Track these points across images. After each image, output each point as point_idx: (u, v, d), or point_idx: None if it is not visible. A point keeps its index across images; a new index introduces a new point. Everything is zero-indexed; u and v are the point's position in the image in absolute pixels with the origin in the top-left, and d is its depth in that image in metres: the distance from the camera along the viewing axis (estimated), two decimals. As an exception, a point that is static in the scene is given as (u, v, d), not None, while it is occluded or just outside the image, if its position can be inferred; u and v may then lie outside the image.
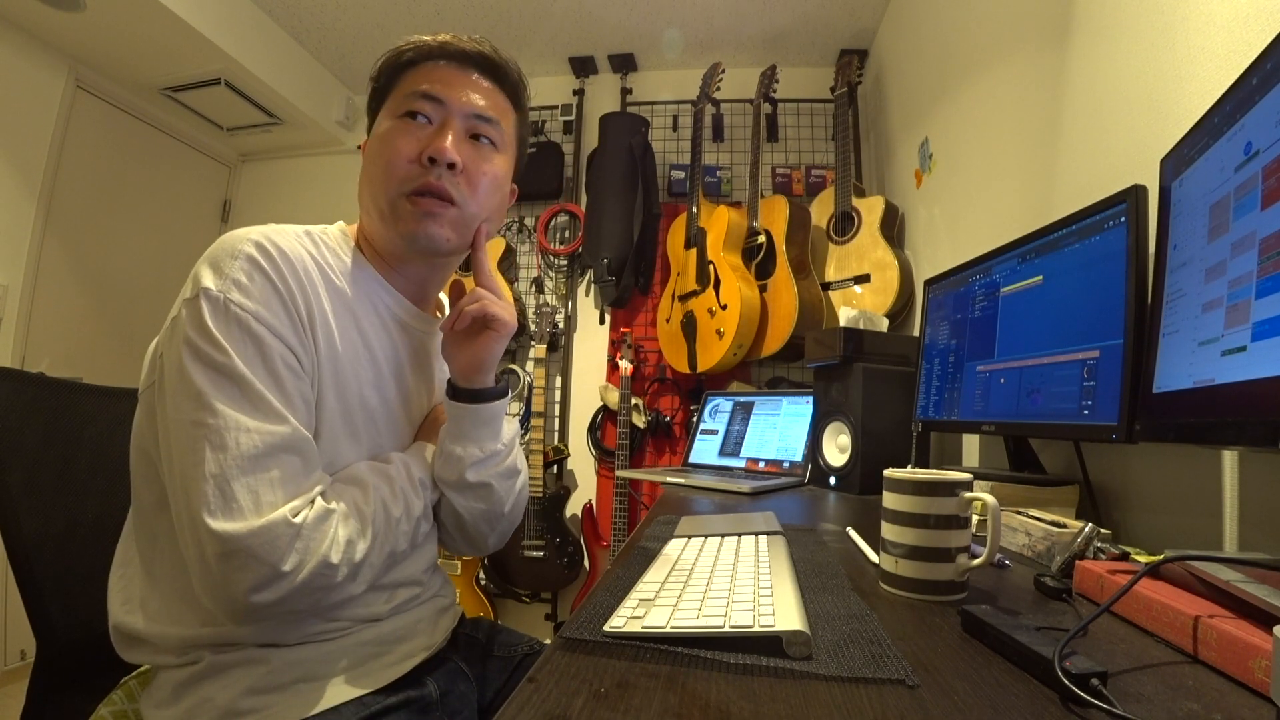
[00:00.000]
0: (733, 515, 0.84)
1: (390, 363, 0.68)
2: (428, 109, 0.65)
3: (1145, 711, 0.33)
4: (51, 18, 1.93)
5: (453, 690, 0.68)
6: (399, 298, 0.70)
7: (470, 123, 0.67)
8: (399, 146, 0.63)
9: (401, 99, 0.66)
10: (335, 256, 0.65)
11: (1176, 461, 0.76)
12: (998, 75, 1.32)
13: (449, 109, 0.66)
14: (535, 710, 0.32)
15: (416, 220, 0.64)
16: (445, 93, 0.65)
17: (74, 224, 2.23)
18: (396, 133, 0.64)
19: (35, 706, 0.65)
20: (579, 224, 2.42)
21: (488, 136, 0.68)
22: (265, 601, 0.50)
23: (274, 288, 0.56)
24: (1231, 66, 0.67)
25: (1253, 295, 0.50)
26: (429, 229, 0.64)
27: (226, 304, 0.53)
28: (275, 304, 0.56)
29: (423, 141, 0.64)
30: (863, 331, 1.29)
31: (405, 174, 0.63)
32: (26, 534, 0.66)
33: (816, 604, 0.49)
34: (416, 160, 0.63)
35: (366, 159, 0.68)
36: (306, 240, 0.63)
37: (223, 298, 0.53)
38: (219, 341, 0.52)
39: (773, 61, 2.25)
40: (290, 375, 0.56)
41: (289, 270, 0.57)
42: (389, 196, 0.64)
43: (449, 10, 2.27)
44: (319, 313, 0.60)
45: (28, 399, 0.70)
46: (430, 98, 0.65)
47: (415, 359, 0.72)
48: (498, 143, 0.69)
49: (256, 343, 0.54)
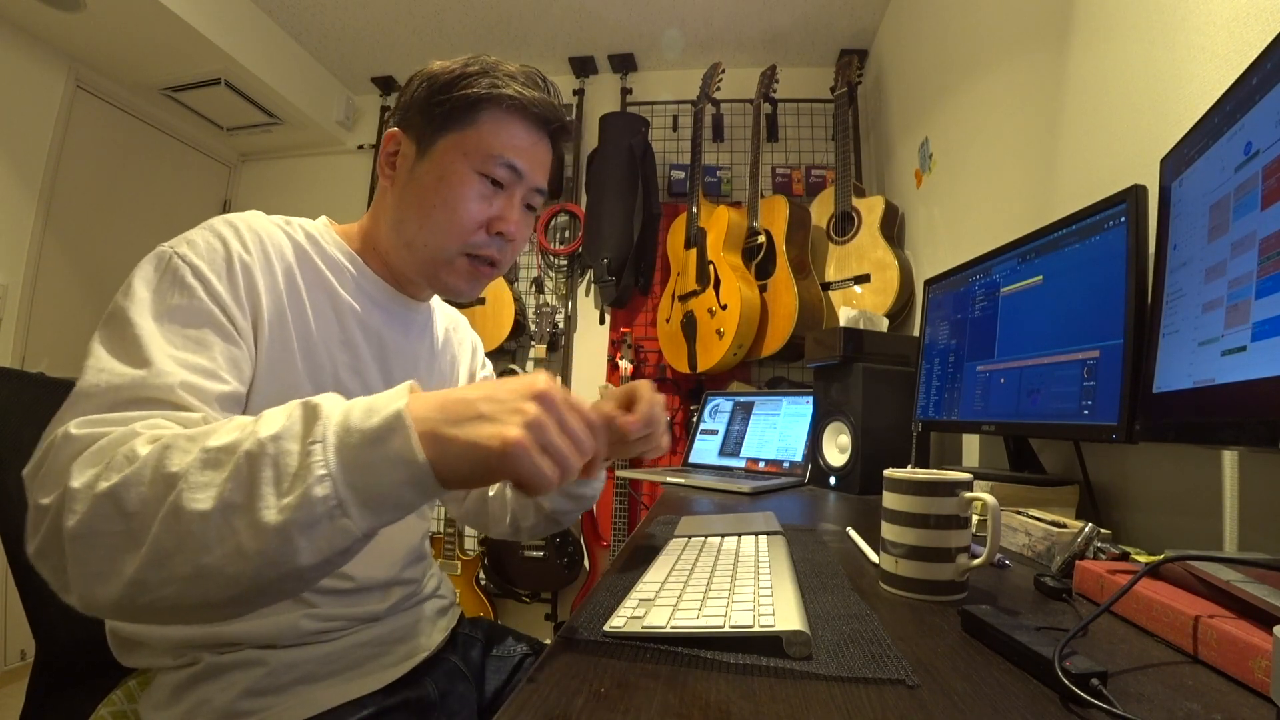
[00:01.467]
0: (733, 515, 0.84)
1: (374, 347, 0.68)
2: (506, 178, 0.66)
3: (1145, 711, 0.33)
4: (51, 18, 1.93)
5: (452, 691, 0.68)
6: (383, 285, 0.70)
7: (530, 195, 0.69)
8: (472, 209, 0.64)
9: (485, 156, 0.64)
10: (313, 243, 0.65)
11: (1176, 461, 0.76)
12: (998, 75, 1.32)
13: (523, 183, 0.67)
14: (535, 710, 0.32)
15: (466, 281, 0.68)
16: (525, 165, 0.66)
17: (74, 224, 2.23)
18: (472, 193, 0.64)
19: (35, 706, 0.65)
20: (579, 224, 2.42)
21: (535, 207, 0.71)
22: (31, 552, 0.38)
23: (227, 253, 0.55)
24: (1231, 66, 0.67)
25: (1253, 295, 0.49)
26: (474, 291, 0.70)
27: (171, 256, 0.53)
28: (220, 266, 0.54)
29: (493, 210, 0.66)
30: (863, 331, 1.29)
31: (471, 237, 0.65)
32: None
33: (816, 604, 0.49)
34: (484, 228, 0.66)
35: (422, 188, 0.64)
36: (285, 225, 0.64)
37: (169, 251, 0.53)
38: (132, 289, 0.50)
39: (773, 61, 2.25)
40: (212, 331, 0.52)
41: (254, 244, 0.58)
42: (446, 250, 0.65)
43: (449, 10, 2.26)
44: (288, 290, 0.59)
45: (28, 399, 0.70)
46: (514, 168, 0.66)
47: (403, 344, 0.72)
48: (539, 210, 0.73)
49: (185, 292, 0.51)
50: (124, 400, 0.44)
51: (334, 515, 0.36)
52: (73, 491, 0.37)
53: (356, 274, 0.68)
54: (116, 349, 0.47)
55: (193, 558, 0.35)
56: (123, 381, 0.44)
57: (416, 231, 0.65)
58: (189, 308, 0.51)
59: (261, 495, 0.35)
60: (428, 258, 0.66)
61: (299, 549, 0.35)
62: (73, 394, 0.45)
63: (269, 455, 0.36)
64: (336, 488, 0.36)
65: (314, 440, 0.36)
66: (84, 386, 0.44)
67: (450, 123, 0.64)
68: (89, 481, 0.37)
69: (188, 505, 0.35)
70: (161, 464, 0.37)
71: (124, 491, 0.36)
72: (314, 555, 0.36)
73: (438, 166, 0.64)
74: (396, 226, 0.66)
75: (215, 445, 0.37)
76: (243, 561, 0.35)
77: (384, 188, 0.69)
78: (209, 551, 0.35)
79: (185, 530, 0.35)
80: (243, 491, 0.36)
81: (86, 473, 0.38)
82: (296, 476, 0.36)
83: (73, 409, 0.43)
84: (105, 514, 0.36)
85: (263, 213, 0.62)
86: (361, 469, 0.36)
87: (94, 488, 0.37)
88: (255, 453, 0.36)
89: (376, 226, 0.69)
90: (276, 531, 0.35)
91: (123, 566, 0.36)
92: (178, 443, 0.38)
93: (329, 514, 0.36)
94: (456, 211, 0.64)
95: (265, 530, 0.35)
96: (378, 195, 0.70)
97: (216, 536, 0.35)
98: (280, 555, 0.35)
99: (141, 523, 0.36)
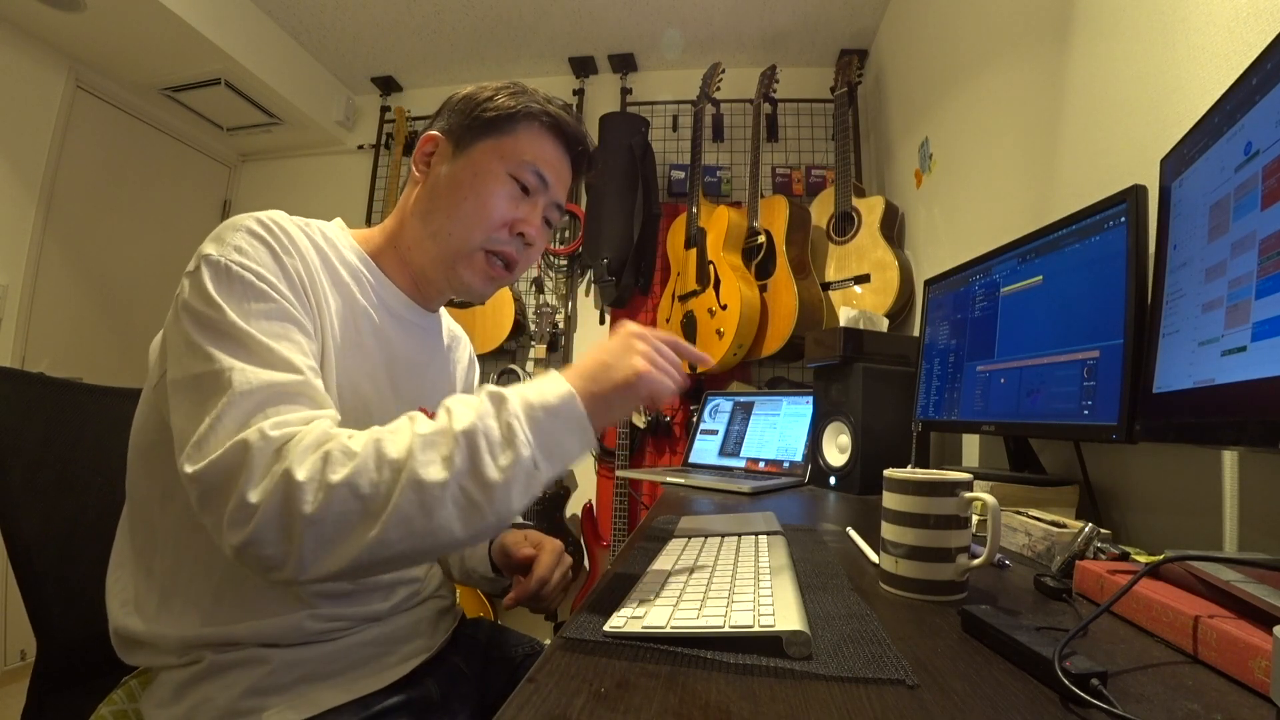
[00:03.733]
0: (733, 515, 0.84)
1: (384, 354, 0.68)
2: (534, 185, 0.70)
3: (1145, 711, 0.33)
4: (51, 18, 1.93)
5: (453, 691, 0.68)
6: (397, 292, 0.71)
7: (550, 209, 0.73)
8: (501, 205, 0.68)
9: (519, 161, 0.68)
10: (332, 246, 0.66)
11: (1176, 461, 0.76)
12: (998, 75, 1.32)
13: (548, 194, 0.71)
14: (535, 710, 0.32)
15: (481, 278, 0.70)
16: (552, 177, 0.71)
17: (74, 224, 2.23)
18: (503, 192, 0.68)
19: (35, 706, 0.65)
20: (579, 224, 2.42)
21: (553, 223, 0.75)
22: (239, 543, 0.44)
23: (274, 254, 0.56)
24: (1231, 66, 0.67)
25: (1253, 295, 0.49)
26: (486, 290, 0.72)
27: (228, 265, 0.53)
28: (276, 269, 0.56)
29: (520, 213, 0.69)
30: (863, 331, 1.29)
31: (496, 233, 0.68)
32: (27, 534, 0.66)
33: (816, 604, 0.49)
34: (508, 226, 0.69)
35: (456, 181, 0.67)
36: (305, 227, 0.64)
37: (224, 260, 0.53)
38: (218, 303, 0.51)
39: (773, 61, 2.25)
40: (296, 329, 0.55)
41: (290, 243, 0.58)
42: (470, 241, 0.68)
43: (449, 10, 2.26)
44: (318, 287, 0.60)
45: (28, 399, 0.70)
46: (542, 178, 0.70)
47: (412, 353, 0.72)
48: (555, 227, 0.76)
49: (261, 296, 0.53)
50: (277, 397, 0.48)
51: (533, 472, 0.47)
52: (300, 484, 0.43)
53: (372, 280, 0.69)
54: (241, 354, 0.49)
55: (431, 517, 0.45)
56: (274, 380, 0.49)
57: (444, 221, 0.68)
58: (270, 310, 0.53)
59: (483, 460, 0.46)
60: (451, 248, 0.68)
61: (513, 498, 0.47)
62: (232, 394, 0.47)
63: (480, 430, 0.46)
64: (534, 450, 0.47)
65: (511, 417, 0.47)
66: (241, 386, 0.47)
67: (490, 130, 0.68)
68: (315, 474, 0.44)
69: (425, 476, 0.44)
70: (382, 453, 0.45)
71: (356, 479, 0.44)
72: (521, 502, 0.48)
73: (473, 164, 0.68)
74: (425, 217, 0.69)
75: (425, 432, 0.47)
76: (472, 514, 0.46)
77: (413, 184, 0.71)
78: (444, 508, 0.45)
79: (425, 496, 0.44)
80: (467, 460, 0.45)
81: (307, 467, 0.44)
82: (505, 444, 0.47)
83: (237, 409, 0.47)
84: (342, 497, 0.44)
85: (284, 213, 0.62)
86: (547, 433, 0.48)
87: (326, 478, 0.44)
88: (470, 431, 0.46)
89: (401, 220, 0.71)
90: (500, 486, 0.46)
91: (363, 535, 0.44)
92: (382, 435, 0.47)
93: (530, 471, 0.47)
94: (486, 204, 0.67)
95: (491, 485, 0.46)
96: (405, 194, 0.72)
97: (450, 499, 0.45)
98: (500, 506, 0.46)
99: (377, 499, 0.44)
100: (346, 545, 0.44)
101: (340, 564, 0.44)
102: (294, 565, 0.44)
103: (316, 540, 0.44)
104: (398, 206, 0.73)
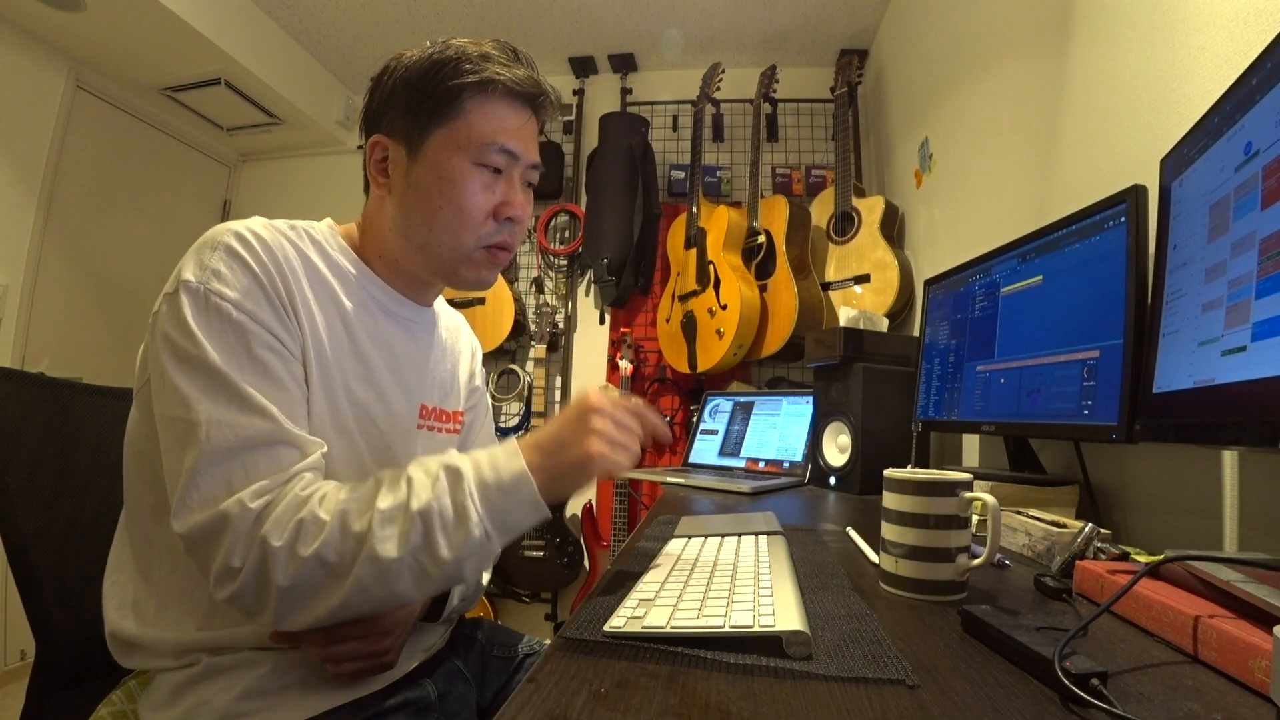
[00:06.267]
0: (733, 515, 0.84)
1: (382, 353, 0.67)
2: (503, 163, 0.65)
3: (1145, 711, 0.33)
4: (51, 18, 1.93)
5: (451, 691, 0.68)
6: (388, 289, 0.69)
7: (527, 173, 0.69)
8: (478, 202, 0.64)
9: (478, 145, 0.63)
10: (319, 250, 0.64)
11: (1176, 461, 0.76)
12: (998, 75, 1.32)
13: (519, 163, 0.67)
14: (535, 710, 0.32)
15: (487, 270, 0.69)
16: (519, 146, 0.66)
17: (74, 224, 2.23)
18: (475, 186, 0.64)
19: (35, 706, 0.65)
20: (579, 224, 2.42)
21: (534, 182, 0.71)
22: (224, 596, 0.49)
23: (254, 275, 0.56)
24: (1231, 66, 0.67)
25: (1253, 295, 0.49)
26: (492, 277, 0.70)
27: (206, 295, 0.53)
28: (255, 291, 0.55)
29: (497, 196, 0.66)
30: (863, 331, 1.29)
31: (484, 229, 0.66)
32: (26, 534, 0.66)
33: (816, 604, 0.49)
34: (492, 216, 0.66)
35: (423, 191, 0.63)
36: (290, 232, 0.62)
37: (202, 289, 0.53)
38: (196, 336, 0.51)
39: (772, 61, 2.25)
40: (276, 359, 0.55)
41: (269, 258, 0.57)
42: (463, 247, 0.65)
43: (448, 10, 2.27)
44: (301, 301, 0.59)
45: (28, 399, 0.70)
46: (508, 151, 0.65)
47: (410, 349, 0.72)
48: (536, 183, 0.71)
49: (238, 331, 0.53)
50: (258, 447, 0.51)
51: (485, 544, 0.51)
52: (276, 551, 0.48)
53: (363, 280, 0.67)
54: (218, 397, 0.51)
55: (388, 587, 0.50)
56: (248, 434, 0.51)
57: (428, 235, 0.65)
58: (248, 344, 0.54)
59: (436, 540, 0.50)
60: (446, 258, 0.66)
61: (464, 569, 0.52)
62: (206, 450, 0.49)
63: (435, 510, 0.50)
64: (486, 527, 0.51)
65: (466, 496, 0.51)
66: (217, 443, 0.50)
67: (435, 118, 0.63)
68: (288, 545, 0.48)
69: (381, 552, 0.48)
70: (346, 526, 0.49)
71: (324, 551, 0.48)
72: (473, 572, 0.53)
73: (434, 167, 0.63)
74: (404, 233, 0.66)
75: (385, 507, 0.50)
76: (425, 583, 0.51)
77: (379, 196, 0.67)
78: (400, 579, 0.50)
79: (382, 569, 0.49)
80: (422, 538, 0.49)
81: (283, 537, 0.48)
82: (459, 523, 0.50)
83: (218, 467, 0.50)
84: (311, 568, 0.48)
85: (264, 219, 0.60)
86: (500, 511, 0.52)
87: (297, 551, 0.48)
88: (425, 510, 0.50)
89: (380, 235, 0.68)
90: (451, 562, 0.50)
91: (328, 599, 0.49)
92: (349, 506, 0.50)
93: (482, 544, 0.51)
94: (464, 208, 0.63)
95: (444, 562, 0.50)
96: (373, 203, 0.69)
97: (406, 570, 0.49)
98: (452, 575, 0.52)
99: (341, 569, 0.49)
100: (314, 607, 0.49)
101: (309, 621, 0.50)
102: (270, 618, 0.50)
103: (289, 603, 0.49)
104: (366, 214, 0.70)
